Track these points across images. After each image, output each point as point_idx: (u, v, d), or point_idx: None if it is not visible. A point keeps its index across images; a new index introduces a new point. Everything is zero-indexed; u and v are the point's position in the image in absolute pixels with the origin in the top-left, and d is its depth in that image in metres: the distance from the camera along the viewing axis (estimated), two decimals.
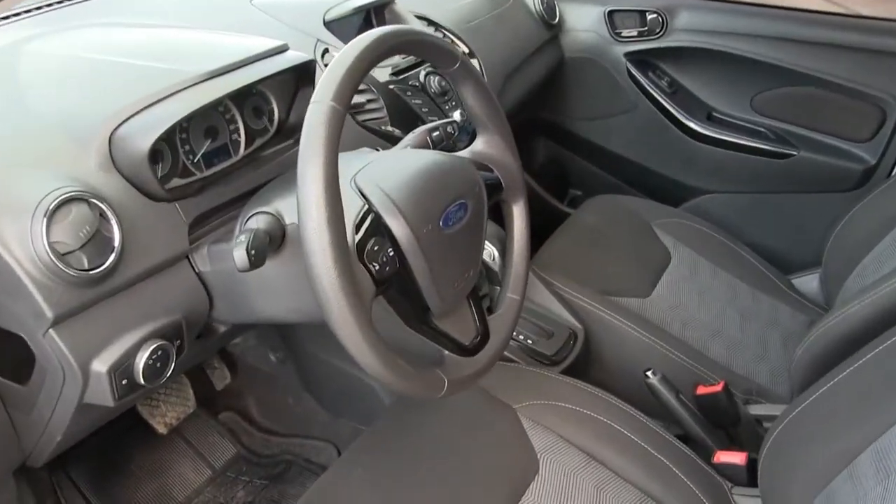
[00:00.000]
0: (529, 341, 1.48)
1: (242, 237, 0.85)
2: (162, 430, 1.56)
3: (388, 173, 0.92)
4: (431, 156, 0.98)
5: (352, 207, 0.88)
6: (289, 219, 0.96)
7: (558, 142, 2.30)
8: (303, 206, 0.78)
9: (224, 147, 1.11)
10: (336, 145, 0.79)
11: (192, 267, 1.02)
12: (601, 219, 1.86)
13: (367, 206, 0.88)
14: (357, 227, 0.86)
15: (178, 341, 1.00)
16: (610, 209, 1.90)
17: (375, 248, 0.86)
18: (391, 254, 0.87)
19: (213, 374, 1.72)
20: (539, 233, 1.86)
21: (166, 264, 0.98)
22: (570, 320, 1.55)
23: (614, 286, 1.64)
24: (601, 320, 1.56)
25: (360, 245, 0.85)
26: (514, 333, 1.49)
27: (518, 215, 1.11)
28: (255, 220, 0.95)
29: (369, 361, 0.82)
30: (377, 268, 0.85)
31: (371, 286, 0.84)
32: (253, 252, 0.85)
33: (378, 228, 0.87)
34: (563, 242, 1.79)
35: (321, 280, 0.78)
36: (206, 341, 1.16)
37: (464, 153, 1.07)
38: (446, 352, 0.98)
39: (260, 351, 1.72)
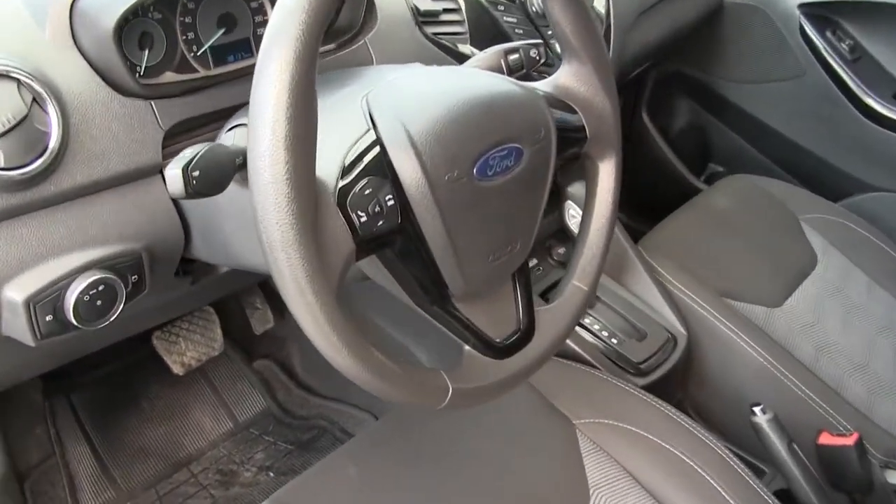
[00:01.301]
0: (614, 340, 1.19)
1: (188, 152, 0.61)
2: (178, 370, 1.39)
3: (415, 94, 0.67)
4: (486, 80, 0.71)
5: (349, 132, 0.64)
6: None
7: (703, 105, 1.95)
8: (253, 118, 0.54)
9: (244, 42, 0.88)
10: (318, 32, 0.55)
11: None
12: (736, 202, 1.52)
13: (371, 134, 0.63)
14: (350, 162, 0.61)
15: (135, 277, 0.79)
16: (749, 192, 1.55)
17: (367, 192, 0.61)
18: (390, 203, 0.62)
19: (254, 315, 1.53)
20: (660, 209, 1.55)
21: (127, 178, 0.77)
22: (671, 322, 1.25)
23: (737, 288, 1.31)
24: (711, 328, 1.25)
25: (347, 186, 0.60)
26: (598, 328, 1.20)
27: (604, 177, 0.82)
28: (232, 135, 0.72)
29: (324, 345, 0.59)
30: (364, 219, 0.60)
31: (348, 244, 0.60)
32: (196, 174, 0.61)
33: (379, 166, 0.62)
34: (683, 225, 1.47)
35: (267, 230, 0.56)
36: (204, 280, 0.95)
37: (540, 84, 0.78)
38: (466, 347, 0.72)
39: None
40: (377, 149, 0.62)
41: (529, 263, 1.27)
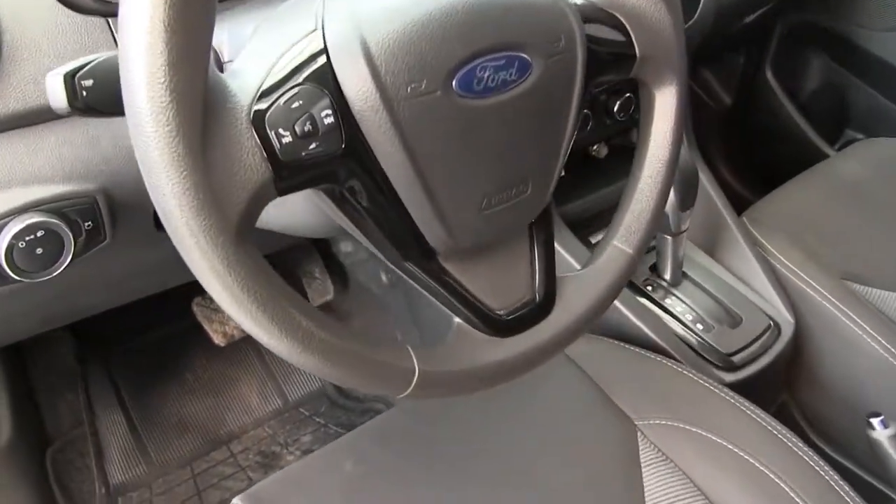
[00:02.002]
0: (699, 326, 0.99)
1: (83, 59, 0.49)
2: (219, 340, 1.29)
3: None
4: None
5: (290, 35, 0.48)
6: (227, 53, 0.59)
7: (839, 60, 1.66)
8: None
9: None
10: None
11: None
12: (870, 169, 1.27)
13: (317, 38, 0.48)
14: (280, 69, 0.47)
15: (89, 223, 0.67)
16: (887, 158, 1.29)
17: (295, 105, 0.46)
18: (328, 120, 0.46)
19: (311, 285, 1.41)
20: (778, 179, 1.31)
21: None
22: (776, 307, 1.04)
23: (863, 270, 1.07)
24: (827, 316, 1.02)
25: (268, 96, 0.45)
26: (679, 311, 1.00)
27: (661, 110, 0.64)
28: None
29: (221, 298, 0.45)
30: (288, 140, 0.46)
31: (259, 170, 0.45)
32: (89, 84, 0.48)
33: (321, 75, 0.46)
34: (801, 194, 1.23)
35: (140, 147, 0.43)
36: None
37: None
38: (457, 320, 0.56)
39: (371, 267, 1.37)
40: (322, 59, 0.47)
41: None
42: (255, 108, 0.44)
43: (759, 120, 1.70)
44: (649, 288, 1.02)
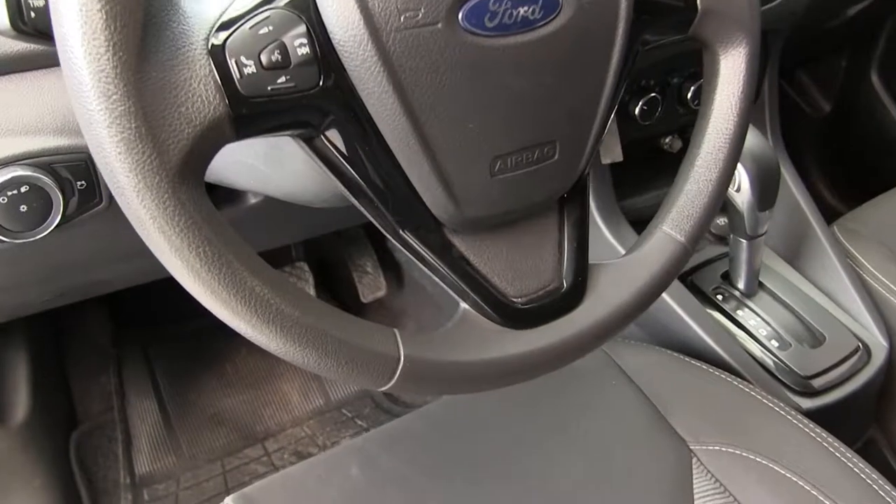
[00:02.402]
0: (775, 343, 0.87)
1: None
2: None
3: None
4: None
5: None
6: None
7: None
8: None
9: None
10: None
11: None
12: None
13: None
14: None
15: (82, 183, 0.62)
16: None
17: (263, 31, 0.38)
18: (302, 51, 0.39)
19: (362, 279, 1.34)
20: (875, 190, 1.17)
21: None
22: (866, 326, 0.91)
23: None
24: None
25: (231, 20, 0.37)
26: (753, 325, 0.88)
27: (727, 75, 0.54)
28: None
29: (166, 255, 0.39)
30: (251, 70, 0.38)
31: (212, 104, 0.37)
32: (40, 5, 0.42)
33: (301, 2, 0.39)
34: None
35: (68, 66, 0.36)
36: (230, 211, 0.78)
37: None
38: (463, 305, 0.47)
39: None
40: None
41: None
42: (216, 32, 0.37)
43: (861, 128, 1.55)
44: (719, 297, 0.91)
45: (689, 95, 0.90)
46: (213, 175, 0.65)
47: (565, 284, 0.50)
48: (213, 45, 0.37)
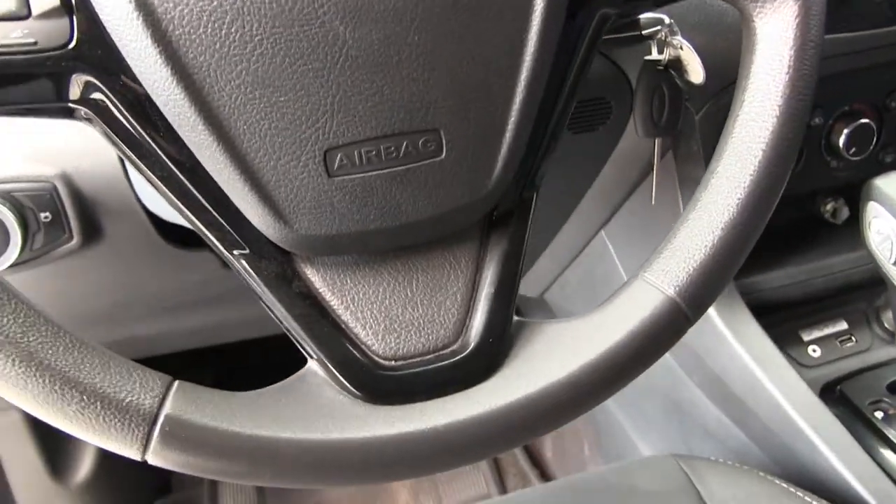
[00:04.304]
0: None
1: None
2: None
3: None
4: None
5: None
6: None
7: None
8: None
9: None
10: None
11: None
12: None
13: None
14: None
15: (47, 215, 0.58)
16: None
17: None
18: None
19: None
20: None
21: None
22: None
23: None
24: None
25: None
26: None
27: (766, 57, 0.37)
28: None
29: None
30: None
31: None
32: None
33: None
34: None
35: None
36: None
37: None
38: (311, 361, 0.34)
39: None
40: None
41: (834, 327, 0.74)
42: None
43: None
44: (879, 415, 0.66)
45: (840, 141, 0.69)
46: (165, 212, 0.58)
47: (469, 346, 0.35)
48: None
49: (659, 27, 0.52)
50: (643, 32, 0.52)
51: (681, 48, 0.52)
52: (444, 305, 0.35)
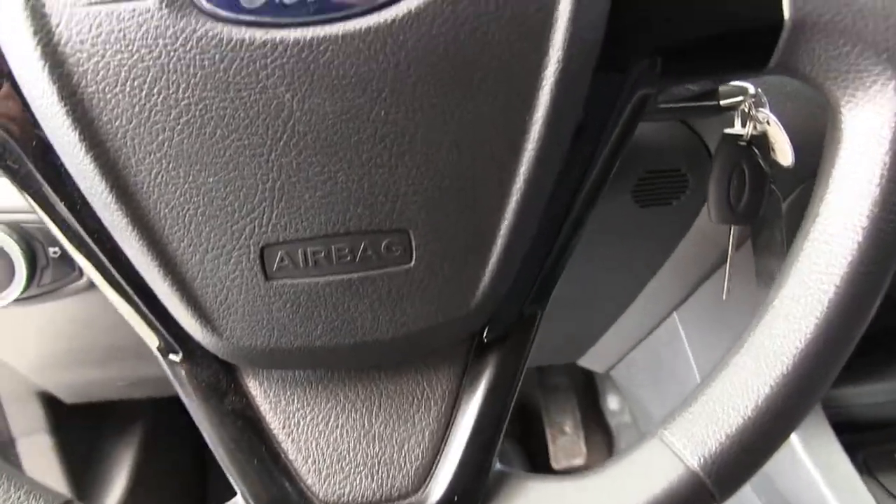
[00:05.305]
0: None
1: None
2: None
3: None
4: None
5: None
6: None
7: None
8: None
9: None
10: None
11: None
12: None
13: None
14: None
15: (55, 251, 0.55)
16: None
17: None
18: None
19: (556, 441, 1.12)
20: None
21: None
22: None
23: None
24: None
25: None
26: None
27: (854, 152, 0.29)
28: None
29: None
30: None
31: None
32: None
33: None
34: None
35: None
36: None
37: None
38: (237, 495, 0.28)
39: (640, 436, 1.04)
40: None
41: None
42: None
43: None
44: None
45: None
46: None
47: (430, 499, 0.28)
48: None
49: (742, 97, 0.43)
50: (721, 103, 0.44)
51: (767, 123, 0.44)
52: (407, 444, 0.28)
